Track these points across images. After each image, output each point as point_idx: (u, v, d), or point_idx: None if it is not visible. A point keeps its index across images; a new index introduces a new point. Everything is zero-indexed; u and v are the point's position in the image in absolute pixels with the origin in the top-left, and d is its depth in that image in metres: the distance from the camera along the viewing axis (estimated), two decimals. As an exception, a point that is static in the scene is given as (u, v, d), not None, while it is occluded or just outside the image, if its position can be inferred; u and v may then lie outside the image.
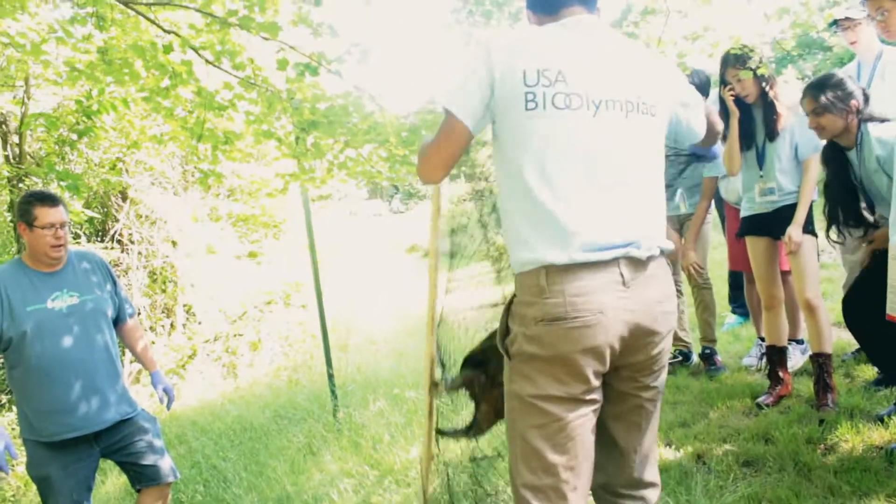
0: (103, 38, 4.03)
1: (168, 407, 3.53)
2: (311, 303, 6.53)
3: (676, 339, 5.16)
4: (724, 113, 3.90)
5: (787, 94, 4.01)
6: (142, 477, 3.29)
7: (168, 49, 3.92)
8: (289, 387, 6.37)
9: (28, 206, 3.15)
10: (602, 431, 1.97)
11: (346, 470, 3.90)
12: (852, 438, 3.37)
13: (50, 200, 3.20)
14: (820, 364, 3.90)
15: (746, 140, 4.04)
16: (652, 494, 2.05)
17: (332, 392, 5.04)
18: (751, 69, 3.74)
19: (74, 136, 5.16)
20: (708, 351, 4.98)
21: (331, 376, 5.12)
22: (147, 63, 3.99)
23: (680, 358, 5.17)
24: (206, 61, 4.01)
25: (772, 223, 4.06)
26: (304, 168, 4.68)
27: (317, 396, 5.52)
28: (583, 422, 1.82)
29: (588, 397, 1.83)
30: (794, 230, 3.87)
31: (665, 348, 1.93)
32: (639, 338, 1.83)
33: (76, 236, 8.02)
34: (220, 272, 9.13)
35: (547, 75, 1.79)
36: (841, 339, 5.02)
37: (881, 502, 2.80)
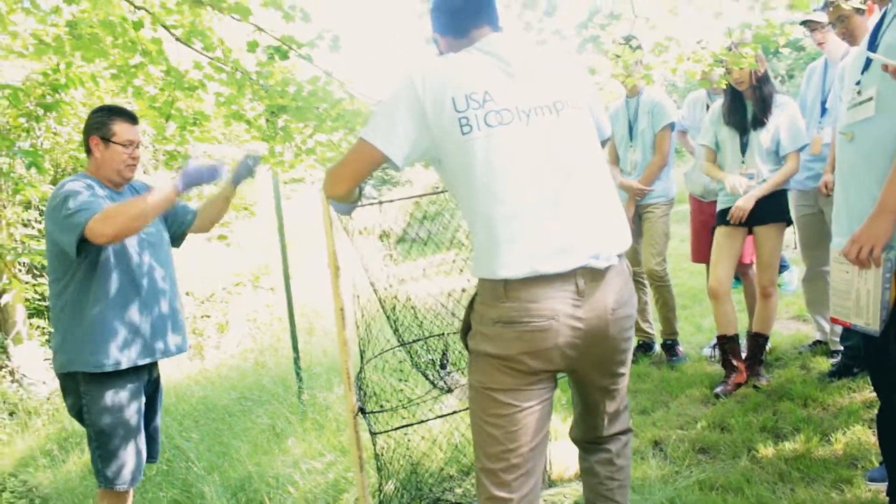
0: (72, 11, 3.98)
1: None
2: (280, 286, 6.53)
3: (639, 330, 5.25)
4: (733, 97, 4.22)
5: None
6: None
7: (138, 25, 3.88)
8: (255, 369, 6.36)
9: (107, 118, 2.92)
10: (576, 400, 2.21)
11: (309, 451, 3.93)
12: (804, 427, 3.47)
13: (130, 116, 2.98)
14: (759, 344, 4.31)
15: (738, 124, 4.22)
16: (623, 438, 2.24)
17: (298, 375, 5.06)
18: (742, 55, 3.90)
19: (41, 111, 5.09)
20: (669, 342, 5.06)
21: (296, 359, 5.14)
22: (116, 39, 3.95)
23: (643, 348, 5.26)
24: (177, 39, 3.97)
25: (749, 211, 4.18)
26: (274, 151, 4.67)
27: (282, 379, 5.53)
28: (532, 411, 1.94)
29: (536, 388, 1.94)
30: (748, 199, 4.11)
31: (622, 348, 2.03)
32: (593, 342, 1.93)
33: (42, 213, 7.91)
34: (189, 253, 9.06)
35: (475, 98, 1.87)
36: (799, 332, 5.14)
37: (827, 488, 2.89)
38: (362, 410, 2.78)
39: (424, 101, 1.88)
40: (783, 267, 5.95)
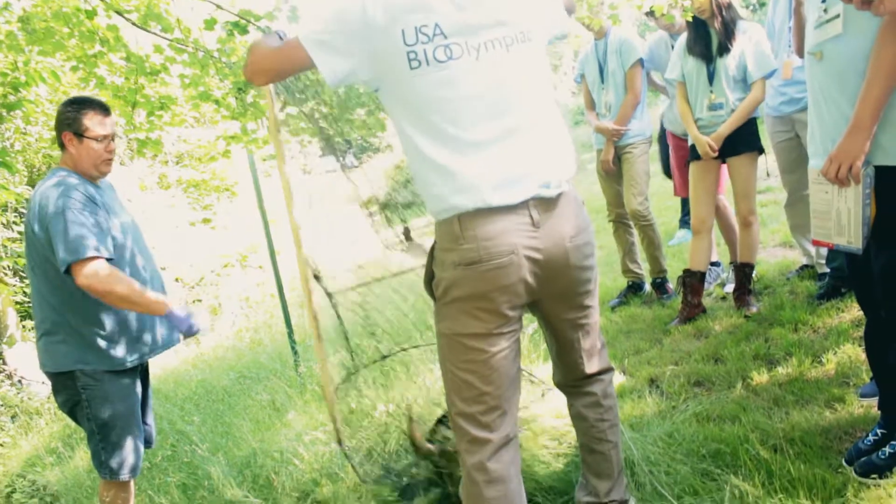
0: (24, 6, 3.91)
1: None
2: (268, 263, 6.53)
3: (628, 271, 5.27)
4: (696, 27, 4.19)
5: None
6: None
7: (92, 14, 3.81)
8: (251, 347, 6.38)
9: (76, 113, 2.81)
10: (550, 341, 2.24)
11: (310, 423, 3.95)
12: (796, 351, 3.50)
13: (102, 108, 2.86)
14: (745, 273, 4.35)
15: (703, 53, 4.20)
16: (605, 378, 2.29)
17: (293, 349, 5.08)
18: None
19: (4, 111, 5.02)
20: (659, 280, 5.09)
21: (290, 333, 5.16)
22: (72, 31, 3.89)
23: (633, 288, 5.29)
24: (133, 24, 3.91)
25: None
26: (246, 129, 4.62)
27: (279, 354, 5.54)
28: (504, 353, 1.98)
29: (506, 330, 1.98)
30: (716, 137, 4.17)
31: (584, 277, 2.07)
32: (554, 272, 1.97)
33: (21, 215, 7.84)
34: (175, 239, 9.04)
35: (425, 31, 1.83)
36: (786, 258, 5.17)
37: (821, 407, 2.93)
38: (317, 277, 2.73)
39: (372, 35, 1.84)
40: (685, 222, 6.33)
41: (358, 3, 1.85)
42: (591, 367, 2.23)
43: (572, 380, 2.27)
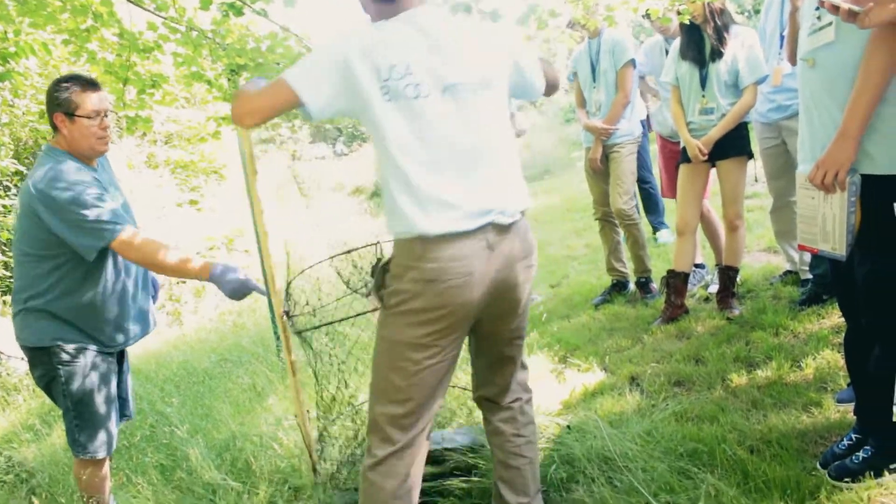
0: (16, -23, 3.86)
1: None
2: (254, 247, 6.51)
3: (613, 269, 5.30)
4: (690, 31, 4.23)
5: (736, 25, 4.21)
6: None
7: (86, -12, 3.79)
8: (233, 331, 6.36)
9: (65, 92, 2.74)
10: (481, 359, 2.35)
11: (291, 408, 3.95)
12: (776, 355, 3.54)
13: (90, 83, 2.80)
14: (730, 276, 4.39)
15: (696, 58, 4.23)
16: (524, 396, 2.41)
17: (275, 333, 5.07)
18: None
19: (-8, 83, 4.98)
20: (643, 280, 5.12)
21: (273, 318, 5.14)
22: (65, 4, 3.85)
23: (617, 287, 5.32)
24: (128, 0, 3.88)
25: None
26: (237, 111, 4.59)
27: (261, 339, 5.53)
28: (439, 367, 2.09)
29: (446, 346, 2.08)
30: (706, 141, 4.21)
31: (525, 296, 2.22)
32: (502, 291, 2.11)
33: (6, 189, 7.76)
34: (160, 220, 8.98)
35: (398, 70, 1.97)
36: (770, 264, 5.21)
37: (798, 411, 2.96)
38: (287, 314, 2.80)
39: (354, 68, 1.96)
40: (662, 224, 6.50)
41: (341, 44, 1.99)
42: (517, 380, 2.37)
43: (495, 394, 2.36)
